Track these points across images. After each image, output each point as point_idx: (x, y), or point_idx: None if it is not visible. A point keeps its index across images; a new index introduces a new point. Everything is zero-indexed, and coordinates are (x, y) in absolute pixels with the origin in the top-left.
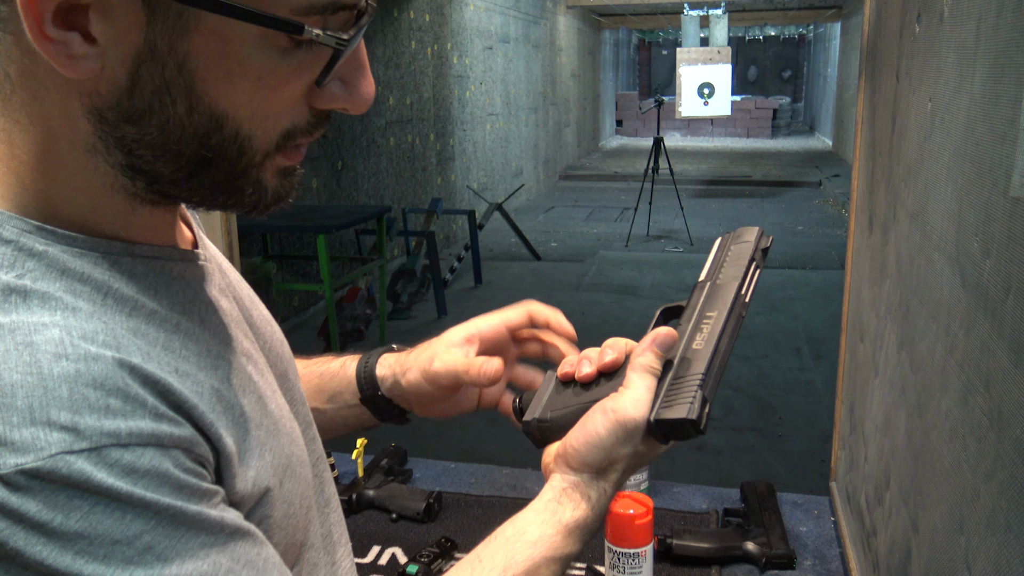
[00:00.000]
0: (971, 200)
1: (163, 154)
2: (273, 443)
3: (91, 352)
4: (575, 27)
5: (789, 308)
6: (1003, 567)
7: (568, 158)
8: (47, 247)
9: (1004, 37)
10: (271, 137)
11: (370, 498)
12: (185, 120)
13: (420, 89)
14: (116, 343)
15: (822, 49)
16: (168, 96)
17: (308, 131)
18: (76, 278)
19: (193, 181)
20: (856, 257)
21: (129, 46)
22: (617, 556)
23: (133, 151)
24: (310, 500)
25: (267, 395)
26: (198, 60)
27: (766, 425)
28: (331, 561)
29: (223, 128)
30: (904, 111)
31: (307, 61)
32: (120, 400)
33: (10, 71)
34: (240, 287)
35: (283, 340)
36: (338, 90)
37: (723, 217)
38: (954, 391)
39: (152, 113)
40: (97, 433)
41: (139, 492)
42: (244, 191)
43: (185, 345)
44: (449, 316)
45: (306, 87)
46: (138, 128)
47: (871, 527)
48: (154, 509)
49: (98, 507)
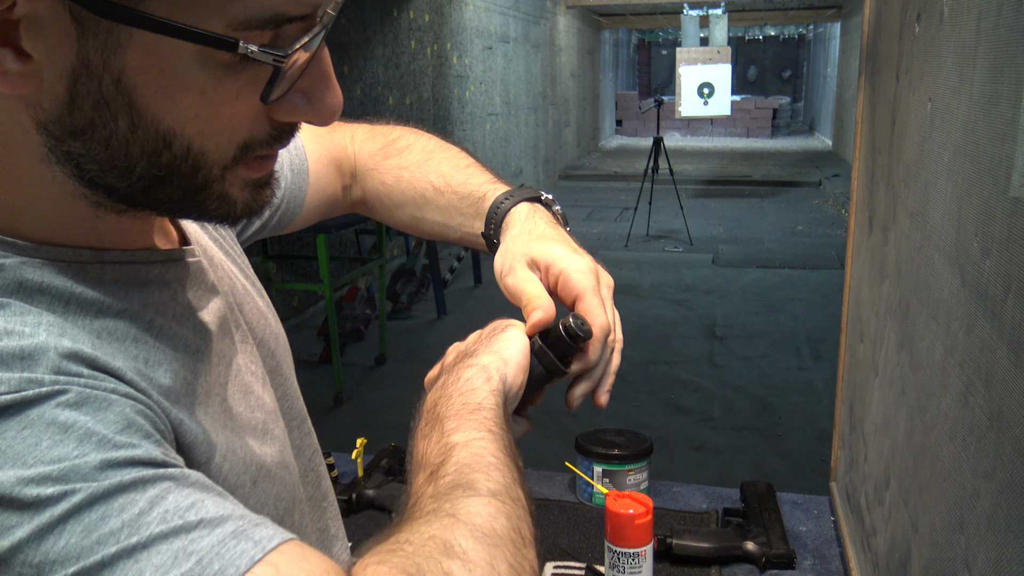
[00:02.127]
0: (971, 200)
1: (111, 169)
2: (241, 443)
3: (25, 333)
4: (575, 27)
5: (789, 308)
6: (1003, 567)
7: (568, 158)
8: (5, 259)
9: (1004, 37)
10: (226, 151)
11: (370, 498)
12: (128, 136)
13: (420, 89)
14: (62, 331)
15: (822, 49)
16: (107, 111)
17: (269, 143)
18: (34, 290)
19: (150, 196)
20: (856, 257)
21: (63, 61)
22: (617, 556)
23: (81, 165)
24: (289, 502)
25: (247, 393)
26: (135, 76)
27: (766, 425)
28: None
29: (172, 145)
30: (904, 111)
31: (258, 75)
32: (85, 363)
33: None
34: (234, 280)
35: (278, 334)
36: (300, 102)
37: (723, 217)
38: (954, 391)
39: (94, 128)
40: (56, 371)
41: (68, 414)
42: (207, 205)
43: (158, 338)
44: (449, 316)
45: (256, 104)
46: (82, 143)
47: (871, 527)
48: (77, 434)
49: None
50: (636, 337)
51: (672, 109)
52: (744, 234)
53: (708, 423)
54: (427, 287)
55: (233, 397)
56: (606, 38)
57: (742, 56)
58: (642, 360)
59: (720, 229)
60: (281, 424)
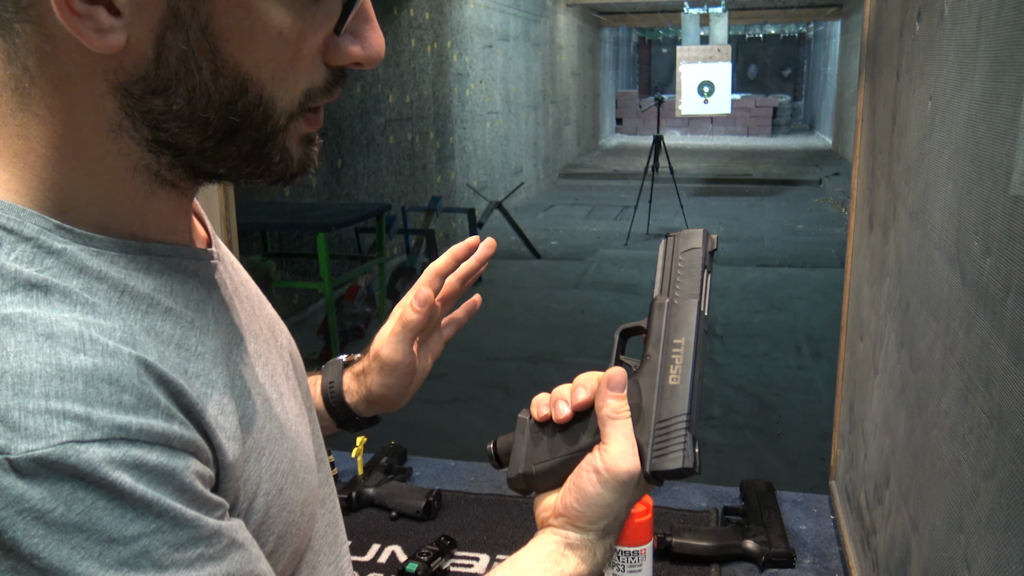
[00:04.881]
0: (971, 198)
1: (190, 124)
2: (274, 448)
3: (108, 347)
4: (575, 25)
5: (789, 306)
6: (1002, 566)
7: (568, 156)
8: (65, 245)
9: (1004, 35)
10: (293, 98)
11: (370, 496)
12: (211, 86)
13: (420, 87)
14: (133, 340)
15: (822, 47)
16: (193, 62)
17: (327, 90)
18: (93, 276)
19: (220, 151)
20: (856, 256)
21: (153, 13)
22: (617, 554)
23: (160, 124)
24: (314, 507)
25: (274, 398)
26: (220, 20)
27: (766, 423)
28: (330, 561)
29: (248, 91)
30: (904, 109)
31: (320, 14)
32: (134, 397)
33: (29, 63)
34: (249, 287)
35: (291, 339)
36: (350, 43)
37: (723, 215)
38: (954, 390)
39: (178, 82)
40: (109, 425)
41: (142, 490)
42: (272, 158)
43: (201, 342)
44: None
45: (322, 43)
46: (164, 99)
47: (871, 525)
48: (155, 511)
49: (100, 501)
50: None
51: (672, 107)
52: (744, 233)
53: (708, 422)
54: None
55: (263, 403)
56: (606, 36)
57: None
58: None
59: (720, 228)
60: (305, 429)
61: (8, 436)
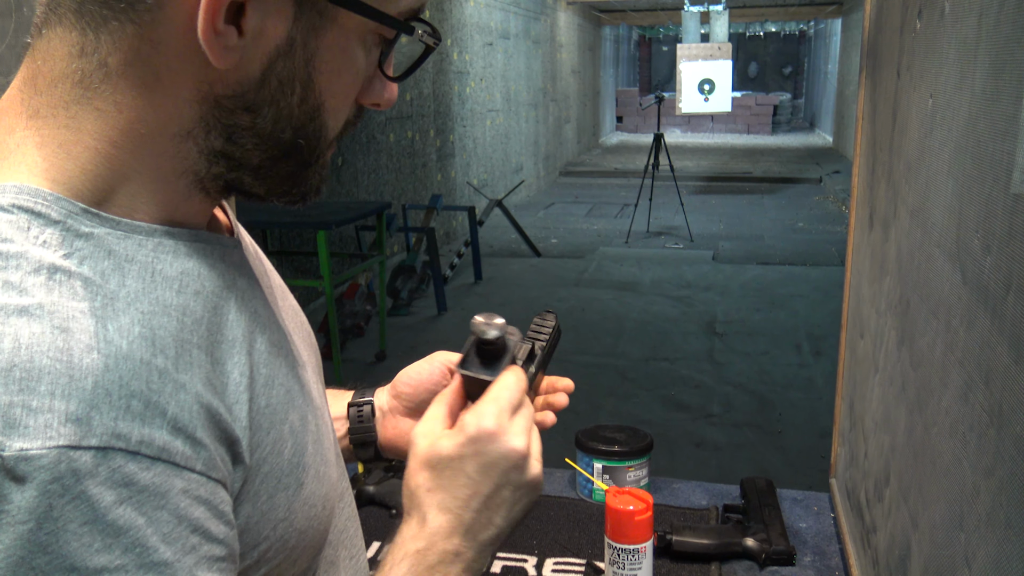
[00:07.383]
0: (972, 196)
1: (264, 141)
2: (295, 440)
3: (122, 350)
4: (575, 23)
5: (789, 305)
6: (1003, 564)
7: (568, 154)
8: (93, 228)
9: (1005, 33)
10: (338, 127)
11: (370, 494)
12: (296, 110)
13: (420, 85)
14: (152, 335)
15: (823, 45)
16: (289, 87)
17: (353, 123)
18: (123, 258)
19: (273, 169)
20: (856, 254)
21: (270, 41)
22: (617, 552)
23: (236, 138)
24: (333, 501)
25: (296, 389)
26: (323, 55)
27: (766, 421)
28: (350, 555)
29: (317, 118)
30: (905, 107)
31: (373, 56)
32: (141, 403)
33: (111, 60)
34: (272, 276)
35: (311, 331)
36: (379, 87)
37: (723, 213)
38: (954, 387)
39: (272, 104)
40: (108, 432)
41: (119, 514)
42: (310, 180)
43: (225, 325)
44: (449, 312)
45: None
46: (253, 117)
47: (871, 523)
48: (125, 543)
49: (72, 525)
50: (636, 334)
51: (673, 105)
52: (744, 231)
53: (708, 419)
54: (427, 283)
55: (285, 394)
56: (607, 34)
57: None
58: (642, 357)
59: (720, 226)
60: (327, 420)
61: (6, 433)
